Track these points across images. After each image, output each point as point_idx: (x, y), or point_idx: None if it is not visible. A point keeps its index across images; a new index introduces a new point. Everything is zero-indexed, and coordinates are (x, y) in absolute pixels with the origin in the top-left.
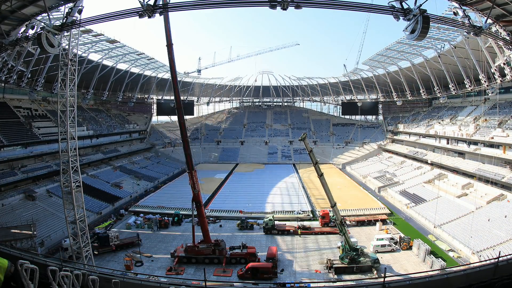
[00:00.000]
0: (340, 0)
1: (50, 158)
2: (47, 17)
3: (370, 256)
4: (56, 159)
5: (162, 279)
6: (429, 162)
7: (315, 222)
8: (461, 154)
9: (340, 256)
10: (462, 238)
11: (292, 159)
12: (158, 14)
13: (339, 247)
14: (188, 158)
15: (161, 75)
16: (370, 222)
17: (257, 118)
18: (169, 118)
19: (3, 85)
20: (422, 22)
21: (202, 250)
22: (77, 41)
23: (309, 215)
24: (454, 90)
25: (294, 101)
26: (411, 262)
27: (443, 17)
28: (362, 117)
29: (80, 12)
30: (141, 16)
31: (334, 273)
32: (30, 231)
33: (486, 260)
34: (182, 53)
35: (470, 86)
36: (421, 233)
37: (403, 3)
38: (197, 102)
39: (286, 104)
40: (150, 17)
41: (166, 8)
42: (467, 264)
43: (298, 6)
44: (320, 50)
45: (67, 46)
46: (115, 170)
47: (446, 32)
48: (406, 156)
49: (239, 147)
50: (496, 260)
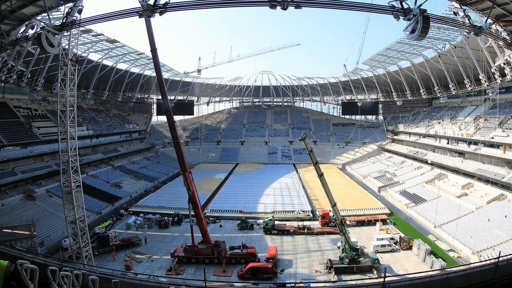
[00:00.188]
0: (340, 0)
1: (50, 158)
2: (47, 17)
3: (370, 256)
4: (56, 159)
5: (162, 279)
6: (429, 162)
7: (315, 222)
8: (461, 154)
9: (340, 256)
10: (462, 238)
11: (292, 159)
12: (158, 14)
13: (339, 247)
14: (180, 159)
15: None
16: (370, 222)
17: (257, 118)
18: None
19: (3, 85)
20: (422, 22)
21: (201, 251)
22: (77, 41)
23: (309, 215)
24: (454, 90)
25: (294, 101)
26: (411, 262)
27: (443, 17)
28: (362, 117)
29: (80, 12)
30: (141, 16)
31: (334, 273)
32: (30, 231)
33: (486, 260)
34: (182, 53)
35: (470, 86)
36: (421, 233)
37: (403, 3)
38: (197, 102)
39: (286, 104)
40: (150, 17)
41: (166, 8)
42: (467, 264)
43: (298, 6)
44: (321, 50)
45: (67, 46)
46: (115, 170)
47: (446, 32)
48: (406, 156)
49: (239, 147)
50: (496, 260)
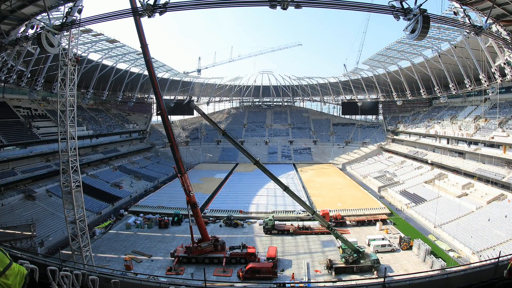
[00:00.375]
0: (340, 0)
1: (50, 158)
2: (47, 16)
3: (371, 256)
4: (56, 159)
5: (162, 279)
6: (429, 162)
7: (315, 222)
8: (461, 154)
9: (341, 255)
10: (462, 238)
11: (292, 159)
12: (158, 13)
13: (340, 247)
14: (178, 162)
15: (160, 75)
16: (370, 222)
17: (257, 118)
18: (169, 118)
19: (3, 84)
20: (422, 22)
21: (205, 248)
22: (77, 40)
23: (309, 215)
24: (454, 90)
25: (294, 101)
26: (411, 262)
27: (444, 16)
28: (362, 117)
29: (80, 11)
30: (141, 15)
31: (334, 273)
32: (30, 231)
33: (486, 260)
34: (182, 52)
35: (470, 86)
36: (421, 233)
37: (403, 3)
38: (197, 102)
39: (286, 104)
40: (150, 16)
41: (166, 7)
42: (467, 264)
43: (298, 6)
44: (322, 49)
45: (67, 46)
46: (115, 170)
47: (446, 32)
48: (406, 156)
49: None
50: (496, 260)
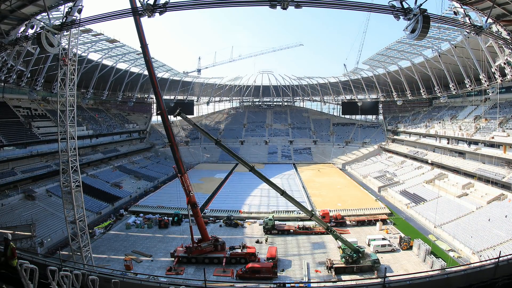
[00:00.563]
0: None
1: (49, 158)
2: (47, 16)
3: (371, 256)
4: (55, 159)
5: (162, 279)
6: (429, 162)
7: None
8: (461, 154)
9: (341, 255)
10: (462, 238)
11: (292, 159)
12: (158, 13)
13: (340, 247)
14: (178, 162)
15: (160, 75)
16: (370, 222)
17: (257, 118)
18: (169, 118)
19: (3, 84)
20: (422, 22)
21: (205, 248)
22: (76, 40)
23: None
24: (454, 89)
25: (294, 100)
26: (412, 262)
27: (444, 16)
28: (362, 117)
29: (79, 11)
30: (141, 15)
31: (334, 273)
32: (30, 232)
33: (486, 260)
34: (182, 52)
35: (470, 85)
36: (421, 233)
37: (403, 3)
38: (197, 101)
39: (286, 103)
40: (150, 16)
41: (165, 7)
42: (468, 264)
43: (298, 6)
44: (322, 49)
45: (67, 46)
46: (115, 170)
47: (446, 31)
48: (406, 156)
49: (239, 147)
50: (496, 260)
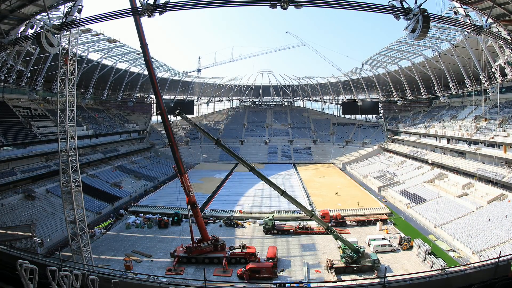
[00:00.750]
0: None
1: (49, 157)
2: (47, 16)
3: (371, 256)
4: (55, 159)
5: (162, 279)
6: (429, 162)
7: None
8: (461, 153)
9: (341, 255)
10: (462, 238)
11: (292, 159)
12: (158, 13)
13: (340, 247)
14: (178, 162)
15: (160, 75)
16: (370, 222)
17: (257, 118)
18: (169, 118)
19: (3, 84)
20: (422, 22)
21: (205, 248)
22: (76, 40)
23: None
24: (454, 89)
25: (294, 100)
26: (412, 262)
27: (444, 16)
28: (362, 116)
29: (79, 11)
30: (141, 15)
31: (334, 273)
32: (30, 232)
33: (486, 260)
34: (182, 52)
35: (470, 85)
36: (421, 233)
37: (404, 3)
38: (196, 101)
39: (286, 103)
40: (149, 16)
41: (165, 7)
42: (468, 264)
43: (298, 6)
44: (323, 49)
45: (67, 46)
46: (115, 169)
47: (446, 31)
48: (406, 155)
49: (239, 147)
50: (496, 260)
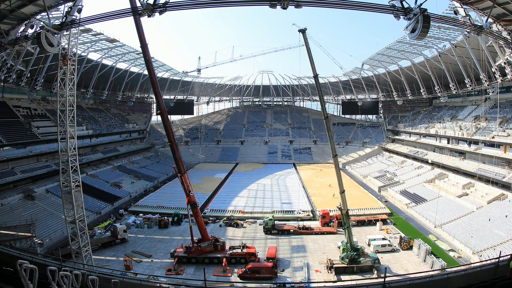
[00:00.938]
0: None
1: (49, 157)
2: (47, 16)
3: (371, 256)
4: (55, 159)
5: (162, 279)
6: (429, 161)
7: (315, 222)
8: (461, 153)
9: (340, 256)
10: (462, 238)
11: (292, 159)
12: (158, 13)
13: (339, 247)
14: (178, 162)
15: (160, 75)
16: (370, 222)
17: (257, 118)
18: (168, 118)
19: (2, 84)
20: (422, 21)
21: (205, 248)
22: (76, 40)
23: (309, 215)
24: (454, 89)
25: (294, 100)
26: (412, 262)
27: (444, 16)
28: (363, 116)
29: (79, 11)
30: (140, 15)
31: (334, 273)
32: (29, 232)
33: (486, 260)
34: (182, 52)
35: (470, 85)
36: (421, 233)
37: (404, 2)
38: (196, 101)
39: (286, 103)
40: (149, 16)
41: (165, 7)
42: (468, 264)
43: (298, 5)
44: (324, 48)
45: (67, 45)
46: (115, 169)
47: (446, 31)
48: (406, 155)
49: (239, 147)
50: (497, 260)
